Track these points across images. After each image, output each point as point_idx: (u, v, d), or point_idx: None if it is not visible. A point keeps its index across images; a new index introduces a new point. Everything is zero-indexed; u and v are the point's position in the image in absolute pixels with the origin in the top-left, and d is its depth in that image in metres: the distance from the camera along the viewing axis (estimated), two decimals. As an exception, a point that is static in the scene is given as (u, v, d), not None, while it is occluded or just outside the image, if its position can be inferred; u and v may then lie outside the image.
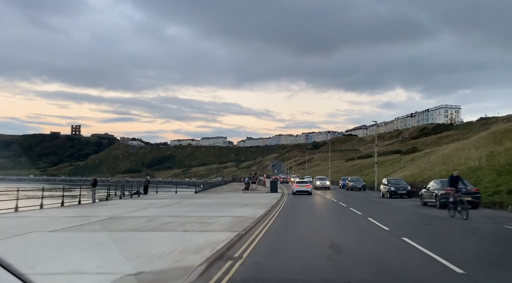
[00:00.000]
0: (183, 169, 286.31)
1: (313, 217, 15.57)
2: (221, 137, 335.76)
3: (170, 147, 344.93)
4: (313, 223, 13.55)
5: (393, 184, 27.52)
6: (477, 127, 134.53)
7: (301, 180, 44.93)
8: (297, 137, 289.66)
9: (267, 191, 38.75)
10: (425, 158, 39.30)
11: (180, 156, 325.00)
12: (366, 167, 66.69)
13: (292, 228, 11.95)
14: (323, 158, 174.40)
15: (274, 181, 40.37)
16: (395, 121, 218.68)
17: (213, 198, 27.95)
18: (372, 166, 64.99)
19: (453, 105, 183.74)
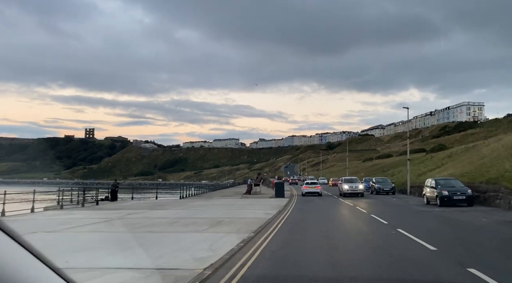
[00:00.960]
0: (195, 171, 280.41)
1: (337, 258, 7.51)
2: (233, 139, 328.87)
3: (182, 149, 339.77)
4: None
5: (444, 186, 19.09)
6: (504, 124, 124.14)
7: (311, 181, 41.40)
8: (310, 138, 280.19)
9: (272, 195, 30.79)
10: (471, 153, 30.66)
11: (193, 158, 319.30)
12: (389, 166, 57.97)
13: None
14: (339, 158, 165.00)
15: (280, 183, 32.29)
16: (413, 120, 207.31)
17: (189, 207, 20.01)
18: (397, 165, 56.41)
19: (476, 102, 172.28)
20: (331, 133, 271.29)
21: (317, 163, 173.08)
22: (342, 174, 79.81)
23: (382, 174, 51.42)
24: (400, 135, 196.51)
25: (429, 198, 20.59)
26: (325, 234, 10.46)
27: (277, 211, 17.27)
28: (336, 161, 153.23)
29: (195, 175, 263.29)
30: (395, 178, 40.76)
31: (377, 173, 54.17)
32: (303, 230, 11.63)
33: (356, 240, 9.82)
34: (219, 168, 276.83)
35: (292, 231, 11.36)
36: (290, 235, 10.50)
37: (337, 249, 8.42)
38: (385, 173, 51.38)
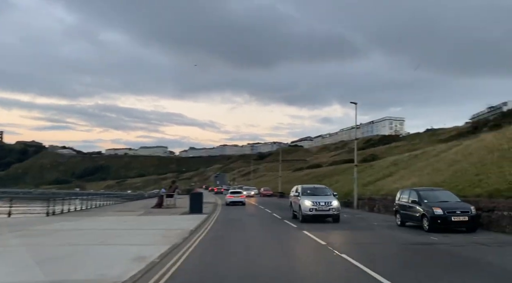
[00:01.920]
0: (118, 180, 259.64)
1: None
2: (161, 147, 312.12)
3: (104, 156, 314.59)
4: None
5: (434, 201, 12.65)
6: (425, 137, 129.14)
7: (235, 190, 40.10)
8: (242, 148, 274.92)
9: (187, 210, 22.72)
10: (428, 160, 25.58)
11: (116, 166, 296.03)
12: (323, 176, 52.85)
13: None
14: (269, 168, 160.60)
15: (196, 194, 24.13)
16: (340, 132, 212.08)
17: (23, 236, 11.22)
18: (332, 174, 51.55)
19: (397, 117, 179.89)
20: (262, 143, 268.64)
21: (247, 172, 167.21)
22: (273, 184, 73.78)
23: (317, 183, 45.77)
24: (328, 146, 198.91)
25: (405, 218, 14.14)
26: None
27: (169, 247, 9.31)
28: (267, 171, 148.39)
29: (118, 184, 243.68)
30: (333, 189, 35.01)
31: (312, 182, 48.57)
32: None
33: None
34: (144, 177, 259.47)
35: None
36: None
37: None
38: (320, 182, 45.77)
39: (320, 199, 17.07)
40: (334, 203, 16.86)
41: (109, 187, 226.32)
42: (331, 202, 16.81)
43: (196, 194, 23.76)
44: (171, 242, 10.35)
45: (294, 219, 18.17)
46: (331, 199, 17.11)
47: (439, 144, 76.74)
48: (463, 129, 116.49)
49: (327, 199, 17.06)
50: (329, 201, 16.85)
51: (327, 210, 16.58)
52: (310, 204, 16.64)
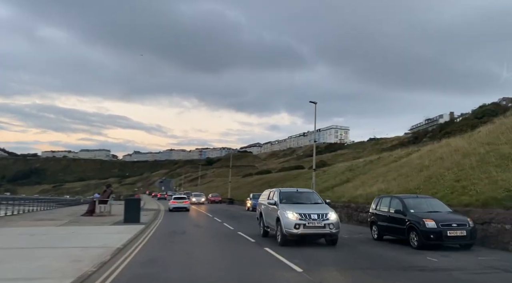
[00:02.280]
0: (55, 184, 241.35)
1: None
2: (104, 150, 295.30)
3: (40, 159, 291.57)
4: None
5: (422, 210, 10.46)
6: (368, 146, 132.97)
7: (179, 196, 37.95)
8: (190, 153, 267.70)
9: (122, 220, 18.98)
10: (387, 166, 23.98)
11: (53, 170, 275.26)
12: (275, 181, 50.61)
13: None
14: (218, 174, 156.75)
15: (132, 200, 20.39)
16: (288, 139, 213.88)
17: None
18: (284, 180, 49.39)
19: (343, 126, 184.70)
20: (211, 148, 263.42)
21: (195, 178, 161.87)
22: (222, 190, 70.49)
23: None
24: (276, 153, 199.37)
25: (384, 230, 11.78)
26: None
27: None
28: (215, 177, 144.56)
29: (54, 189, 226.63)
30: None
31: (264, 188, 46.14)
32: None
33: None
34: (84, 181, 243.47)
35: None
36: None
37: None
38: (272, 188, 43.62)
39: (310, 209, 11.18)
40: (331, 216, 10.99)
41: (44, 192, 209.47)
42: (327, 215, 10.95)
43: (132, 200, 20.02)
44: (78, 272, 6.96)
45: (266, 237, 12.91)
46: (325, 210, 11.26)
47: (384, 152, 78.10)
48: (404, 138, 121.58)
49: (321, 210, 11.20)
50: (323, 213, 10.97)
51: (321, 227, 10.74)
52: (295, 218, 10.79)
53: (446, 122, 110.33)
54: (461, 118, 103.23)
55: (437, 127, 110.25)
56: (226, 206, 42.96)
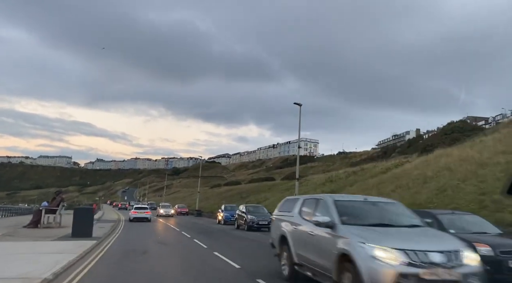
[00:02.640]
0: (8, 192, 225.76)
1: None
2: (64, 157, 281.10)
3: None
4: None
5: (466, 231, 7.56)
6: (338, 159, 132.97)
7: (140, 206, 36.88)
8: (156, 162, 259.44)
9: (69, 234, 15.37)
10: (377, 177, 21.72)
11: (7, 177, 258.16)
12: (247, 192, 47.55)
13: None
14: (184, 184, 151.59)
15: (82, 210, 16.74)
16: (257, 151, 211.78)
17: None
18: (257, 191, 46.29)
19: (312, 139, 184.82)
20: (178, 158, 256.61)
21: (160, 188, 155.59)
22: (188, 201, 66.49)
23: (242, 201, 40.35)
24: (246, 164, 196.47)
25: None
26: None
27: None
28: (181, 187, 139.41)
29: (8, 197, 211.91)
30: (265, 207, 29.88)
31: (235, 200, 42.96)
32: None
33: None
34: (42, 189, 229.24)
35: None
36: None
37: None
38: (245, 199, 40.49)
39: (419, 241, 5.42)
40: (468, 256, 5.27)
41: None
42: (461, 254, 5.20)
43: (83, 210, 16.36)
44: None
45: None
46: (450, 242, 5.58)
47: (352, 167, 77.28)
48: (373, 153, 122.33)
49: (441, 242, 5.54)
50: (452, 250, 5.19)
51: None
52: (395, 260, 4.89)
53: (414, 138, 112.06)
54: (430, 134, 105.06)
55: (405, 142, 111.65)
56: (194, 219, 39.43)
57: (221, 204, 39.82)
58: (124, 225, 26.36)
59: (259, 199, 36.54)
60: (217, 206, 44.58)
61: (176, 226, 26.13)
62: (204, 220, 37.37)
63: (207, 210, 45.14)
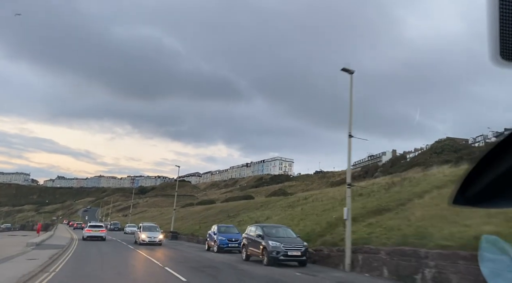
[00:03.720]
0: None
1: None
2: (22, 174, 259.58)
3: None
4: None
5: None
6: (316, 179, 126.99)
7: (95, 224, 34.49)
8: (121, 180, 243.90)
9: None
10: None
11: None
12: (232, 211, 39.10)
13: None
14: (151, 203, 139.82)
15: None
16: (230, 170, 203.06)
17: None
18: (246, 209, 37.96)
19: (287, 158, 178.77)
20: (144, 176, 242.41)
21: (126, 207, 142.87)
22: (159, 221, 56.98)
23: (230, 220, 32.13)
24: (217, 183, 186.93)
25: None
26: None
27: None
28: (148, 206, 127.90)
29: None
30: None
31: (220, 219, 34.67)
32: None
33: None
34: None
35: None
36: None
37: None
38: (236, 219, 32.34)
39: None
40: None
41: None
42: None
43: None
44: None
45: None
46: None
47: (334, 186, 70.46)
48: (353, 172, 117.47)
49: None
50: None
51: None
52: None
53: (396, 157, 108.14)
54: (413, 154, 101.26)
55: (387, 162, 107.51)
56: (170, 243, 30.72)
57: (201, 225, 31.60)
58: (75, 250, 17.78)
59: (258, 218, 28.50)
60: (197, 227, 36.08)
61: (149, 253, 17.76)
62: (184, 245, 28.85)
63: (185, 232, 36.47)
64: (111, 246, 24.56)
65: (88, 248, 21.13)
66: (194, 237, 32.65)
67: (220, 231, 21.94)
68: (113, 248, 22.96)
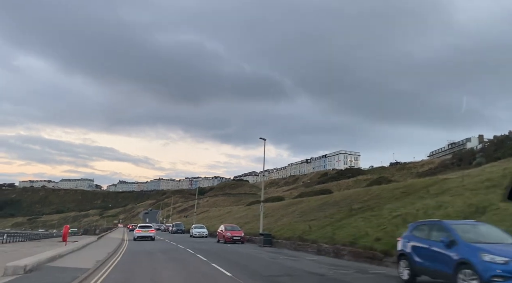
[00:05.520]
0: (30, 217, 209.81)
1: None
2: (87, 180, 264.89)
3: (17, 189, 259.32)
4: None
5: None
6: (394, 171, 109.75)
7: (144, 224, 38.27)
8: (179, 182, 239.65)
9: None
10: None
11: (29, 201, 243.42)
12: (352, 200, 25.59)
13: None
14: (212, 203, 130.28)
15: None
16: (288, 167, 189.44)
17: None
18: (380, 198, 24.08)
19: (352, 152, 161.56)
20: (202, 178, 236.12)
21: (185, 208, 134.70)
22: (229, 220, 45.26)
23: (361, 217, 18.63)
24: (276, 181, 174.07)
25: None
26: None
27: None
28: (209, 206, 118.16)
29: (29, 222, 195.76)
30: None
31: (334, 214, 21.31)
32: None
33: None
34: (63, 213, 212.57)
35: None
36: None
37: None
38: (366, 215, 18.72)
39: None
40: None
41: (18, 225, 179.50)
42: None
43: None
44: None
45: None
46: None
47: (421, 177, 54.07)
48: (443, 161, 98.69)
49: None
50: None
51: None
52: None
53: (498, 140, 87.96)
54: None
55: (488, 145, 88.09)
56: (266, 252, 17.86)
57: (310, 223, 18.68)
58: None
59: (415, 212, 14.81)
60: (302, 226, 22.90)
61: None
62: (302, 257, 15.77)
63: (284, 235, 23.44)
64: (176, 263, 12.21)
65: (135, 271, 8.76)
66: (307, 244, 19.50)
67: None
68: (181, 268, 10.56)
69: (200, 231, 36.77)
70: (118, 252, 16.97)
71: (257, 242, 25.01)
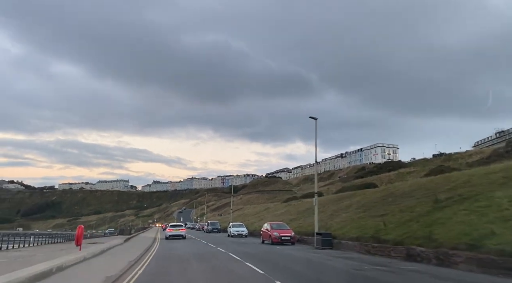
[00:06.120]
0: (70, 218, 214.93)
1: None
2: (122, 181, 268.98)
3: (57, 191, 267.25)
4: None
5: None
6: (439, 163, 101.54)
7: (175, 224, 37.56)
8: (212, 181, 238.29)
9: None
10: None
11: (69, 203, 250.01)
12: (430, 189, 20.43)
13: None
14: (245, 201, 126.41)
15: None
16: (322, 162, 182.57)
17: None
18: (472, 185, 18.86)
19: (390, 144, 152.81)
20: (234, 175, 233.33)
21: (218, 207, 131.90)
22: (269, 217, 40.75)
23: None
24: (310, 177, 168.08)
25: None
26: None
27: None
28: (243, 204, 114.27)
29: (69, 223, 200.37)
30: None
31: (414, 206, 16.26)
32: None
33: None
34: (100, 214, 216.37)
35: None
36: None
37: None
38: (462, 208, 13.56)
39: None
40: None
41: (59, 226, 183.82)
42: None
43: None
44: None
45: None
46: None
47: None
48: (498, 148, 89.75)
49: None
50: None
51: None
52: None
53: None
54: None
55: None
56: (334, 258, 13.06)
57: (383, 218, 13.94)
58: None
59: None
60: (373, 222, 17.92)
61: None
62: (396, 268, 10.84)
63: (349, 233, 18.56)
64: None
65: None
66: (386, 247, 14.53)
67: None
68: None
69: (239, 230, 32.53)
70: (144, 259, 12.81)
71: (311, 243, 20.26)
